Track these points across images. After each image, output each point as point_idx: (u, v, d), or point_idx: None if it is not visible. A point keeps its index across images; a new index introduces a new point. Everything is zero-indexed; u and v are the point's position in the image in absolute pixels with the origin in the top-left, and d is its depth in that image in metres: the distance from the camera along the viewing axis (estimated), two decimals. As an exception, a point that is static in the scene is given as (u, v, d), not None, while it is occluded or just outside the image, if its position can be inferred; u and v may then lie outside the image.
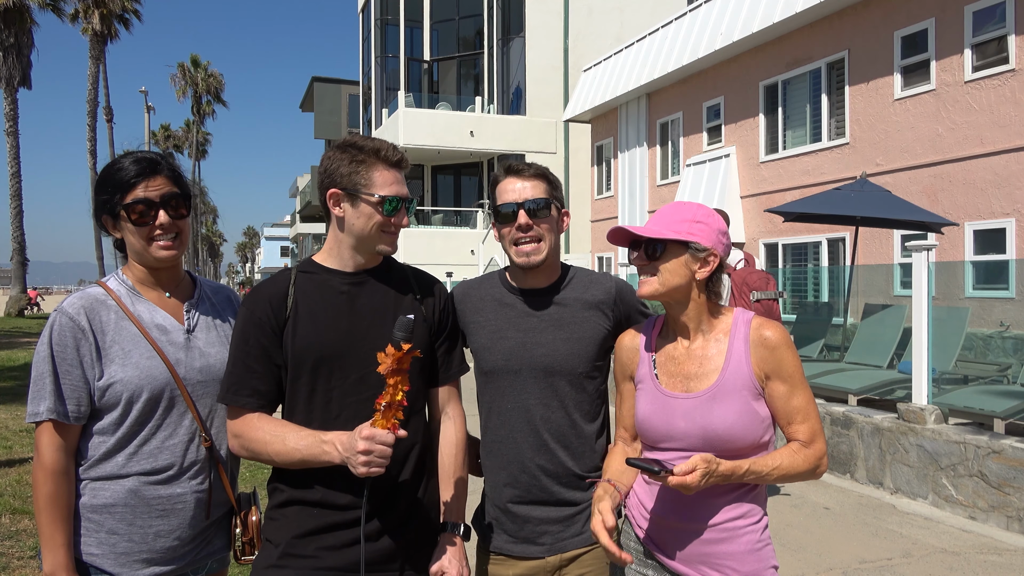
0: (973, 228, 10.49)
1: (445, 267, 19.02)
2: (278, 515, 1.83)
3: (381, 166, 1.82)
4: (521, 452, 2.00)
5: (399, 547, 1.82)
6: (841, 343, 8.95)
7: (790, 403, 1.75)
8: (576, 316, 2.04)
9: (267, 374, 1.81)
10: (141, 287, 1.91)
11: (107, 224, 1.89)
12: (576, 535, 1.99)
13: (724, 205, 14.80)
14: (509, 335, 2.03)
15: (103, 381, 1.79)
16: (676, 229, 1.78)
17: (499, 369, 2.03)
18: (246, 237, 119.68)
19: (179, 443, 1.85)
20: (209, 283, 2.09)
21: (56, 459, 1.76)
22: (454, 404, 1.99)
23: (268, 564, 1.79)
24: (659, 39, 16.84)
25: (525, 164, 2.06)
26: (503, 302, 2.08)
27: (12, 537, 4.52)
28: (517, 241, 2.00)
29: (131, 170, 1.84)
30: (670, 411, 1.78)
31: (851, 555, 4.78)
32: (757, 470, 1.68)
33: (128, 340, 1.82)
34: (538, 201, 2.00)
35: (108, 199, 1.84)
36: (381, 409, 1.59)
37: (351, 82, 38.41)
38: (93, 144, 30.54)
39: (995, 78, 10.16)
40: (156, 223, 1.85)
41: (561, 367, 1.99)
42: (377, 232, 1.84)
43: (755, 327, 1.79)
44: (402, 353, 1.58)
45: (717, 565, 1.74)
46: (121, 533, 1.80)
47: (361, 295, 1.86)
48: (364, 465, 1.59)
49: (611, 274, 2.21)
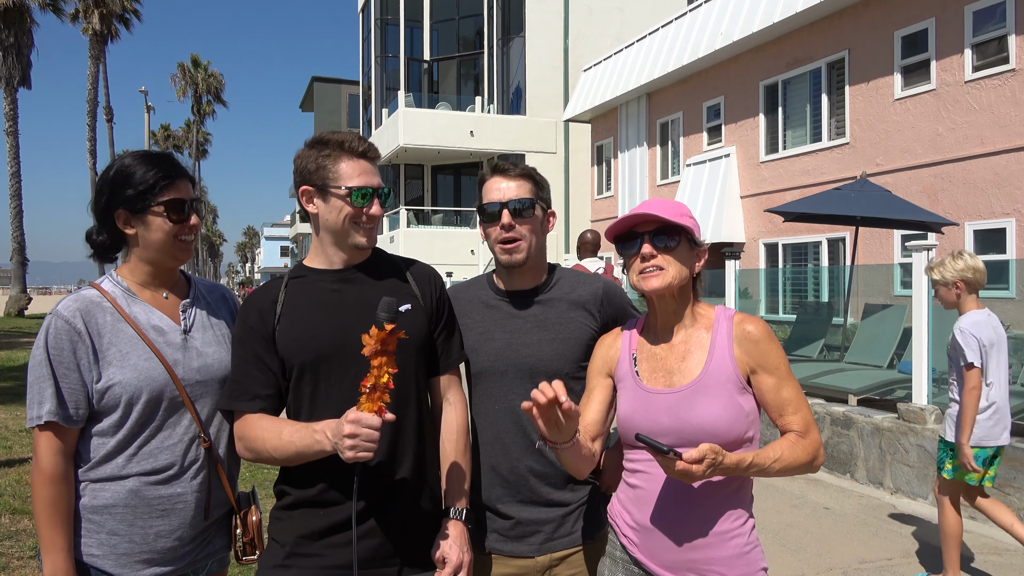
0: (973, 228, 10.49)
1: (445, 267, 19.02)
2: (284, 516, 1.84)
3: (346, 157, 1.82)
4: (510, 454, 1.99)
5: (400, 542, 1.82)
6: (841, 343, 8.94)
7: (780, 394, 1.74)
8: (562, 317, 2.04)
9: (265, 380, 1.82)
10: (137, 288, 1.90)
11: (119, 219, 1.86)
12: (566, 535, 1.98)
13: (724, 205, 14.82)
14: (495, 336, 2.03)
15: (101, 384, 1.78)
16: (683, 221, 1.75)
17: (486, 371, 2.03)
18: (246, 237, 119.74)
19: (178, 443, 1.85)
20: (203, 282, 2.09)
21: (55, 463, 1.75)
22: (455, 390, 1.98)
23: (274, 564, 1.80)
24: (659, 39, 16.85)
25: (511, 163, 2.06)
26: (489, 304, 2.08)
27: (12, 537, 4.51)
28: (501, 240, 2.00)
29: (161, 169, 1.86)
30: (653, 407, 1.75)
31: (851, 555, 4.78)
32: (760, 463, 1.64)
33: (125, 342, 1.81)
34: (523, 201, 2.00)
35: (135, 195, 1.83)
36: (366, 392, 1.57)
37: (351, 82, 38.43)
38: (93, 144, 30.53)
39: (995, 78, 10.16)
40: (190, 221, 1.88)
41: (547, 368, 1.98)
42: (350, 225, 1.82)
43: (737, 322, 1.78)
44: (385, 334, 1.56)
45: (705, 571, 1.71)
46: (122, 534, 1.80)
47: (352, 291, 1.85)
48: (351, 449, 1.57)
49: (599, 275, 2.19)
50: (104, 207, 1.86)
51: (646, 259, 1.75)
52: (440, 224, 25.99)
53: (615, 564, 1.86)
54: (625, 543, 1.83)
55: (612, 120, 19.46)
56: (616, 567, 1.85)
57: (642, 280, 1.77)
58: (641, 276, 1.77)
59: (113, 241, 1.90)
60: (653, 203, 1.78)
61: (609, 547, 1.90)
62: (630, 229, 1.80)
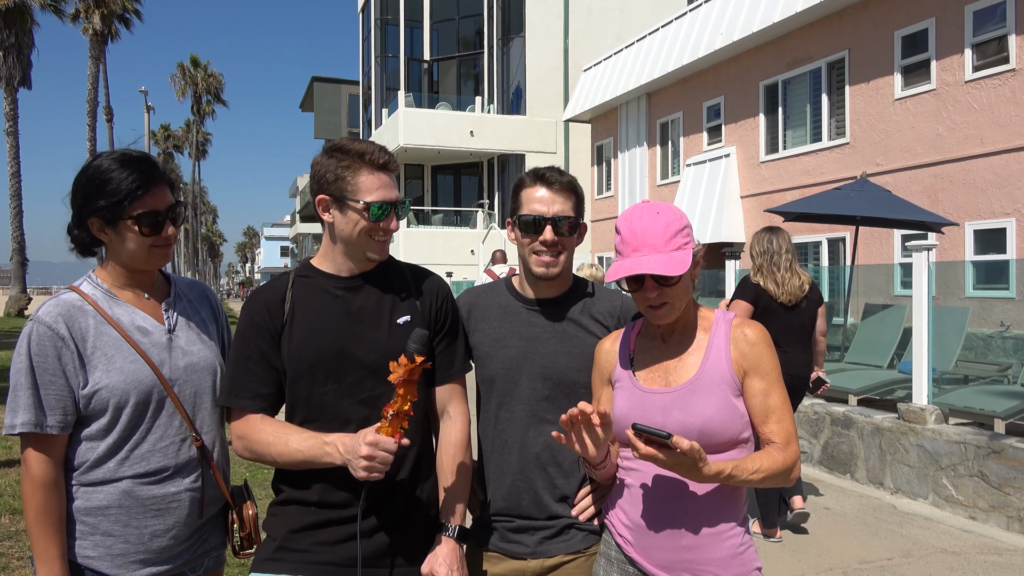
0: (973, 228, 10.49)
1: (445, 267, 19.03)
2: (278, 512, 1.86)
3: (366, 170, 1.79)
4: (514, 463, 1.98)
5: (392, 545, 1.83)
6: (841, 343, 8.94)
7: (767, 401, 1.74)
8: (579, 330, 2.02)
9: (267, 377, 1.82)
10: (117, 289, 1.87)
11: (93, 226, 1.82)
12: (562, 541, 1.97)
13: (724, 205, 14.82)
14: (511, 344, 2.01)
15: (88, 389, 1.76)
16: (681, 247, 1.72)
17: (499, 377, 2.01)
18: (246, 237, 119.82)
19: (170, 444, 1.84)
20: (182, 280, 2.07)
21: (44, 471, 1.73)
22: (456, 403, 1.95)
23: (265, 557, 1.83)
24: (659, 39, 16.85)
25: (556, 173, 2.01)
26: (509, 310, 2.06)
27: (12, 537, 4.52)
28: (539, 252, 1.97)
29: (136, 178, 1.79)
30: (648, 406, 1.76)
31: (851, 555, 4.78)
32: (738, 474, 1.64)
33: (110, 345, 1.79)
34: (568, 219, 1.97)
35: (108, 206, 1.77)
36: (388, 417, 1.61)
37: (351, 82, 38.42)
38: (93, 144, 30.51)
39: (995, 78, 10.16)
40: (164, 234, 1.84)
41: (560, 379, 1.98)
42: (365, 238, 1.82)
43: (736, 325, 1.79)
44: (414, 365, 1.60)
45: (699, 571, 1.72)
46: (117, 535, 1.79)
47: (356, 299, 1.85)
48: (365, 470, 1.60)
49: (620, 291, 2.15)
50: (77, 212, 1.82)
51: (652, 302, 1.75)
52: (440, 224, 26.00)
53: (610, 564, 1.86)
54: (620, 542, 1.83)
55: (612, 120, 19.46)
56: (611, 567, 1.85)
57: (651, 314, 1.78)
58: (649, 311, 1.78)
59: (92, 239, 1.86)
60: (645, 241, 1.72)
61: (604, 547, 1.90)
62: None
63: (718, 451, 1.72)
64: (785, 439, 1.73)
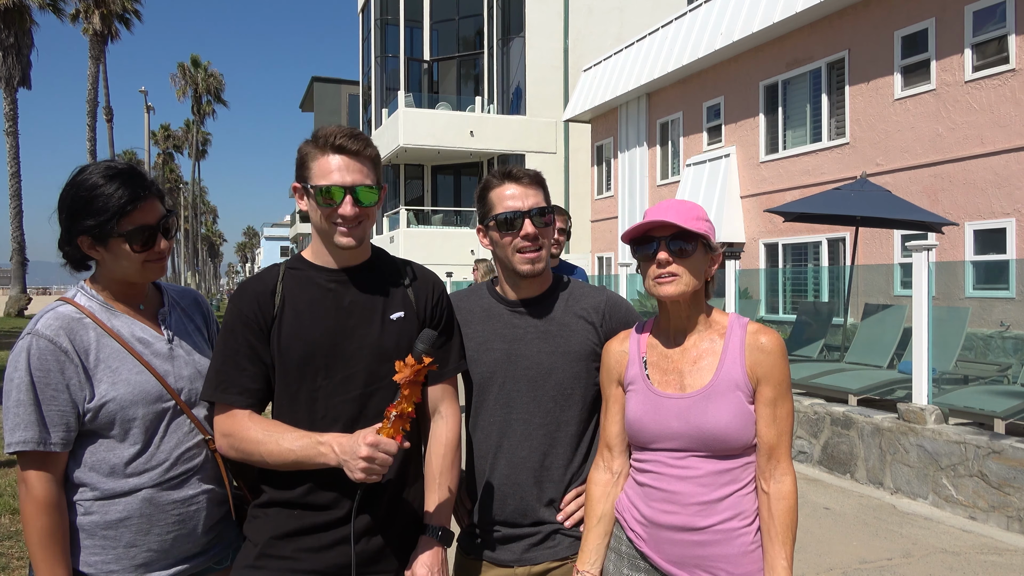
0: (973, 228, 10.49)
1: (445, 267, 19.01)
2: (260, 514, 1.79)
3: (319, 154, 1.74)
4: (504, 466, 1.96)
5: (381, 549, 1.78)
6: (841, 343, 8.94)
7: (774, 410, 1.74)
8: (563, 328, 1.99)
9: (256, 372, 1.76)
10: (113, 301, 1.83)
11: (83, 244, 1.75)
12: (548, 548, 1.95)
13: (724, 205, 14.82)
14: (495, 346, 1.99)
15: (95, 402, 1.71)
16: (700, 227, 1.74)
17: (484, 380, 1.99)
18: (246, 237, 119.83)
19: (183, 451, 1.81)
20: (173, 288, 2.03)
21: (47, 491, 1.67)
22: (448, 403, 1.90)
23: (245, 564, 1.75)
24: (659, 39, 16.85)
25: (522, 170, 2.00)
26: (491, 313, 2.04)
27: (12, 537, 4.51)
28: (522, 249, 1.95)
29: (123, 194, 1.72)
30: (663, 411, 1.76)
31: (851, 555, 4.78)
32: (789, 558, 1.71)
33: (113, 357, 1.75)
34: (542, 209, 1.96)
35: (96, 223, 1.71)
36: (391, 418, 1.57)
37: (351, 82, 38.43)
38: (93, 144, 30.52)
39: (995, 78, 10.16)
40: (156, 248, 1.79)
41: (545, 379, 1.95)
42: (328, 225, 1.76)
43: (752, 331, 1.78)
44: (422, 366, 1.57)
45: (711, 568, 1.73)
46: (139, 544, 1.75)
47: (348, 293, 1.80)
48: (363, 472, 1.55)
49: (604, 287, 2.16)
50: (66, 231, 1.76)
51: (661, 265, 1.75)
52: (440, 224, 26.00)
53: (620, 559, 1.86)
54: (632, 537, 1.83)
55: (612, 120, 19.46)
56: (621, 561, 1.86)
57: (656, 286, 1.77)
58: (655, 282, 1.77)
59: (84, 255, 1.80)
60: (671, 208, 1.76)
61: (614, 542, 1.89)
62: (646, 233, 1.78)
63: (732, 456, 1.72)
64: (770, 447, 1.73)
